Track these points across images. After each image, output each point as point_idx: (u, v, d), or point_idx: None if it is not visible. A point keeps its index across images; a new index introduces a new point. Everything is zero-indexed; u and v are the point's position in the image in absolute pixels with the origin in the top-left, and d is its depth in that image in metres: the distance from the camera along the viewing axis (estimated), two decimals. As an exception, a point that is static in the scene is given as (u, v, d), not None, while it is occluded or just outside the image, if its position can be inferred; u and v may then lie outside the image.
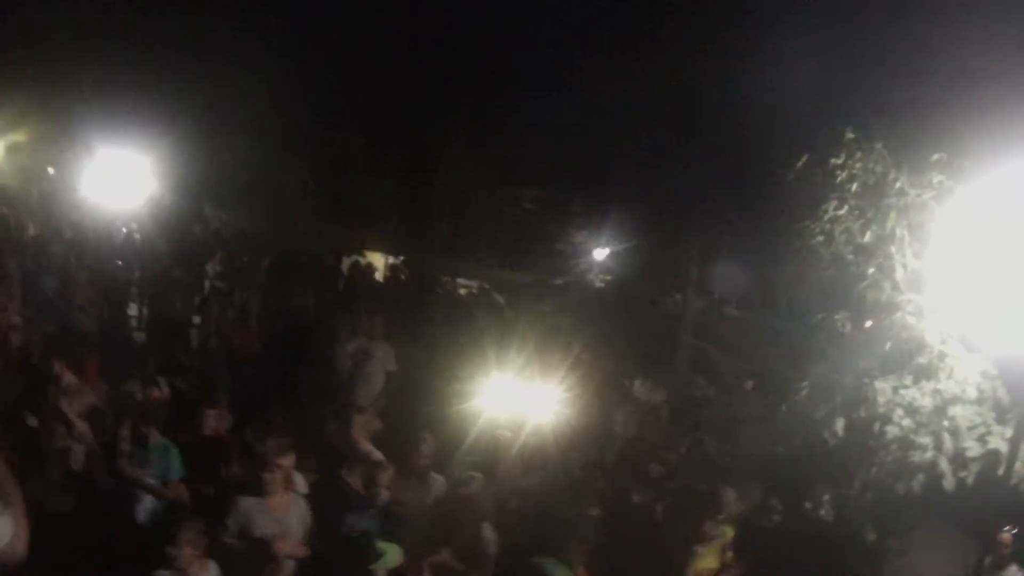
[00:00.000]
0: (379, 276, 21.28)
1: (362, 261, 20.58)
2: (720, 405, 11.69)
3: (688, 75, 16.34)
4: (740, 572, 7.80)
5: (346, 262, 21.02)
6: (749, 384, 12.02)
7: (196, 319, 13.80)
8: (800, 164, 8.03)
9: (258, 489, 7.08)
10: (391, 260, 24.37)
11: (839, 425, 7.15)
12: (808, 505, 7.34)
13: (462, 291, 22.96)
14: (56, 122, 21.92)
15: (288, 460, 7.17)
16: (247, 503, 7.08)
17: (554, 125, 22.19)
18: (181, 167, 21.01)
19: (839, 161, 7.76)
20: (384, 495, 7.67)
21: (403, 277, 20.06)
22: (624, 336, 16.42)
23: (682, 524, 8.26)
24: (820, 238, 7.79)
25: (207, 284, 15.49)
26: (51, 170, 23.79)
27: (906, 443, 6.97)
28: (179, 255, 16.84)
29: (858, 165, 7.70)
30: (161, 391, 9.45)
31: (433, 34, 24.17)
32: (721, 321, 20.62)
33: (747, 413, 10.59)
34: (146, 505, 8.15)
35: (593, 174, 22.73)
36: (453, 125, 24.42)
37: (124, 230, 18.69)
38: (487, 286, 24.62)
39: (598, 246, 28.19)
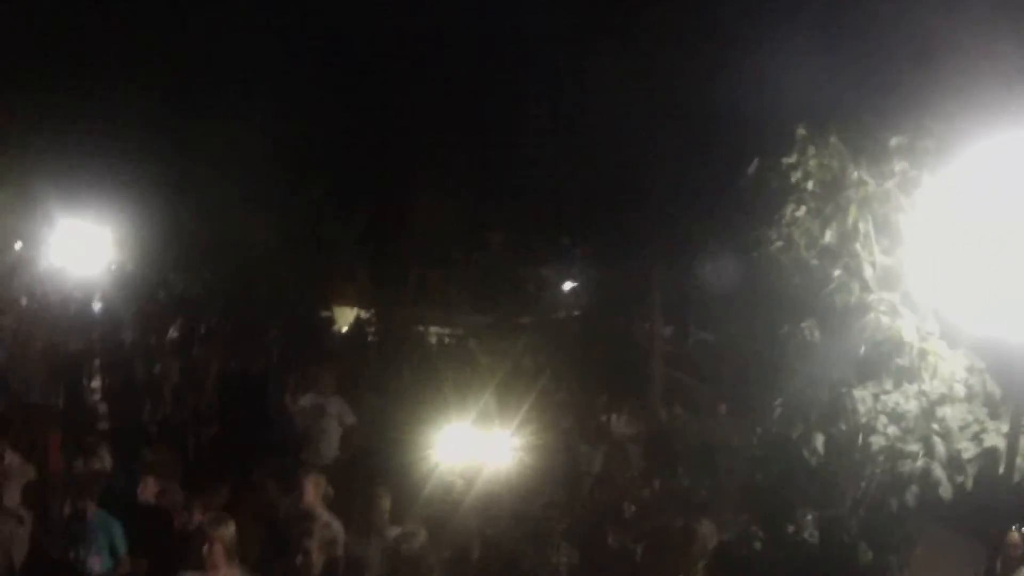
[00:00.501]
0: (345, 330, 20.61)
1: (324, 315, 19.95)
2: (694, 434, 10.91)
3: (642, 100, 15.77)
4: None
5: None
6: (723, 409, 11.24)
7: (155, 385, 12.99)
8: (752, 169, 7.35)
9: (199, 563, 6.43)
10: (361, 314, 23.65)
11: (818, 442, 6.33)
12: (791, 528, 6.54)
13: (433, 339, 22.32)
14: (17, 194, 21.17)
15: (227, 532, 6.46)
16: None
17: (517, 164, 21.73)
18: (143, 233, 20.34)
19: (791, 160, 7.05)
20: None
21: (369, 330, 19.31)
22: (595, 370, 15.72)
23: (660, 563, 7.50)
24: (779, 244, 7.05)
25: (166, 350, 14.71)
26: (18, 244, 23.06)
27: (894, 453, 6.15)
28: (139, 322, 16.16)
29: (812, 162, 6.97)
30: (102, 462, 8.71)
31: (394, 85, 23.64)
32: (693, 346, 19.94)
33: (722, 440, 9.81)
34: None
35: (557, 209, 22.21)
36: (419, 175, 23.80)
37: (85, 299, 17.99)
38: (460, 332, 23.96)
39: (566, 280, 27.63)
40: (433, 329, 23.92)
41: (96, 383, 14.20)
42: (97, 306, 18.32)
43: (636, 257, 16.92)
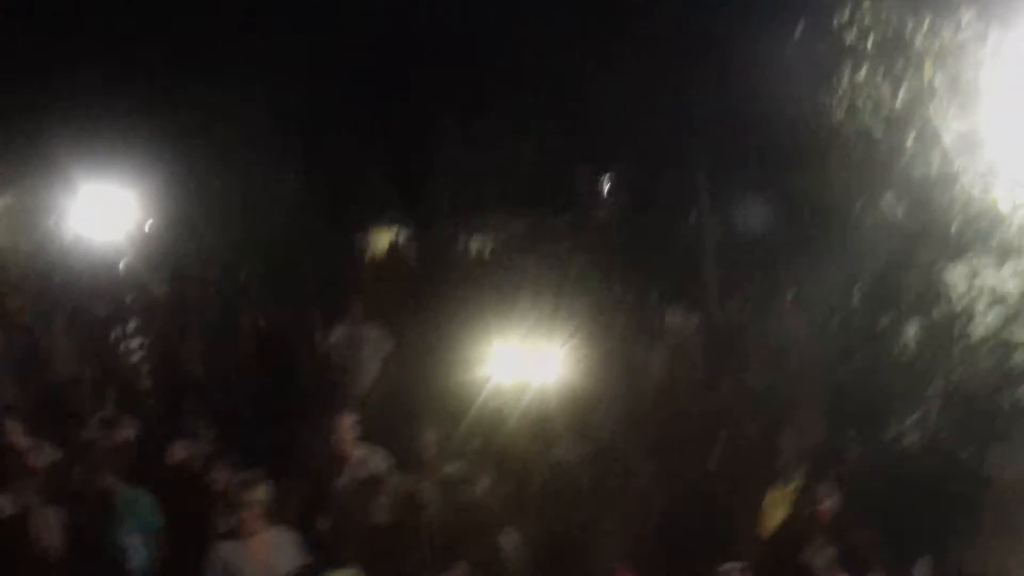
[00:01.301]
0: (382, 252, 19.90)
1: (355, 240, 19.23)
2: (759, 331, 10.13)
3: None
4: (820, 522, 6.34)
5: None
6: (788, 297, 10.40)
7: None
8: (798, 34, 6.53)
9: (234, 532, 5.91)
10: (394, 234, 22.99)
11: (910, 334, 5.63)
12: (889, 434, 5.82)
13: (472, 251, 21.64)
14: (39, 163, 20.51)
15: (260, 494, 5.92)
16: (226, 550, 5.89)
17: (545, 68, 20.72)
18: (168, 190, 19.67)
19: (844, 19, 6.21)
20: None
21: (405, 250, 18.60)
22: (643, 267, 14.97)
23: (738, 478, 6.89)
24: (840, 114, 6.23)
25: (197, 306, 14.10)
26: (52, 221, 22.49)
27: (999, 342, 5.44)
28: (171, 278, 15.60)
29: (868, 17, 6.15)
30: (125, 431, 8.16)
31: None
32: (744, 236, 18.94)
33: (792, 336, 9.03)
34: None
35: (593, 103, 21.24)
36: (446, 88, 22.83)
37: (113, 263, 17.45)
38: (499, 240, 23.26)
39: (605, 177, 26.72)
40: (471, 241, 23.27)
41: (135, 342, 13.74)
42: (127, 268, 17.78)
43: (679, 146, 15.99)
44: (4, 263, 18.47)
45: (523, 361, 8.11)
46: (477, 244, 21.91)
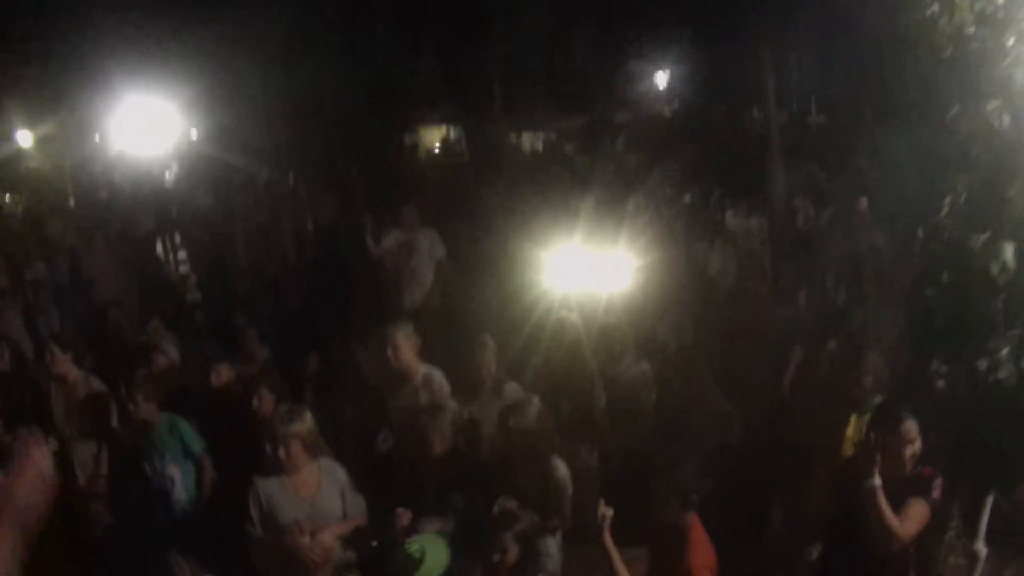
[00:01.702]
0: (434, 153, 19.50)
1: (407, 142, 18.80)
2: (832, 237, 9.57)
3: None
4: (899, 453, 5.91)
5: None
6: (863, 203, 9.76)
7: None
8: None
9: (275, 467, 5.50)
10: (447, 134, 22.54)
11: (1007, 253, 5.12)
12: (983, 364, 5.34)
13: (527, 149, 21.11)
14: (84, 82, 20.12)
15: (302, 427, 5.48)
16: (267, 485, 5.50)
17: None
18: (211, 100, 19.24)
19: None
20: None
21: (457, 150, 18.15)
22: (705, 165, 14.38)
23: (817, 402, 6.49)
24: (935, 7, 5.62)
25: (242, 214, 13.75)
26: (97, 137, 22.25)
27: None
28: (216, 188, 15.31)
29: None
30: (167, 355, 7.92)
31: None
32: (809, 133, 18.00)
33: (872, 247, 8.44)
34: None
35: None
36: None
37: (157, 177, 17.23)
38: (554, 138, 22.72)
39: (663, 71, 25.89)
40: (525, 138, 22.73)
41: (182, 254, 13.53)
42: (171, 180, 17.54)
43: (741, 35, 15.20)
44: (48, 185, 18.43)
45: (583, 268, 7.68)
46: (532, 142, 21.40)
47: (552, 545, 5.84)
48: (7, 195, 18.76)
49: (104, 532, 6.77)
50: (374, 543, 4.92)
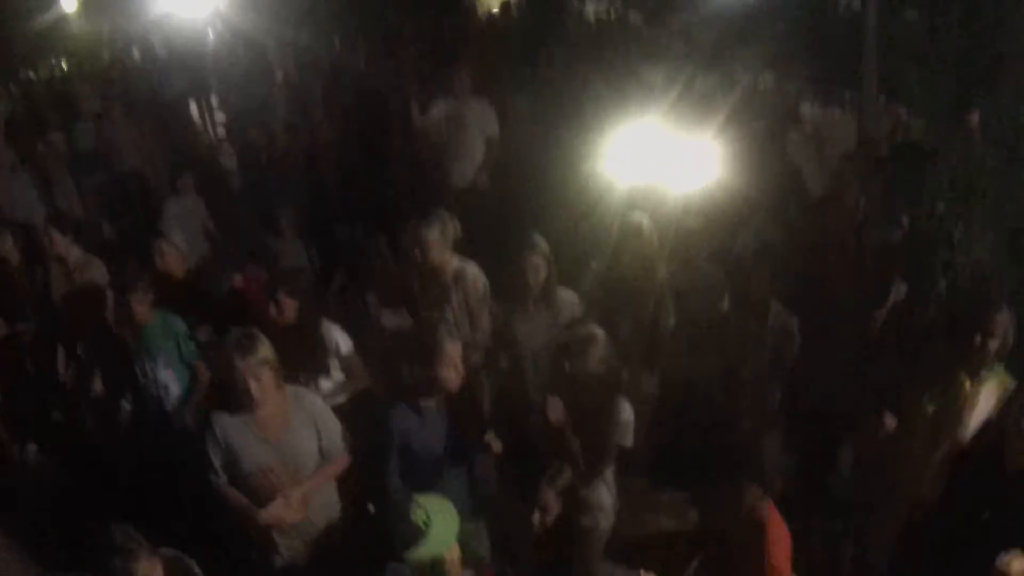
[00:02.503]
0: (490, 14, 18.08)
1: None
2: (938, 145, 8.30)
3: None
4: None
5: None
6: (974, 118, 8.39)
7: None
8: None
9: (239, 405, 4.49)
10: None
11: None
12: None
13: (591, 15, 19.68)
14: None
15: (267, 349, 4.44)
16: (227, 424, 4.51)
17: None
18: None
19: None
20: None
21: (515, 12, 16.70)
22: (788, 49, 12.99)
23: (916, 355, 5.43)
24: None
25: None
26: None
27: None
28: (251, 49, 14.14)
29: None
30: (173, 247, 6.97)
31: None
32: (905, 27, 16.30)
33: (982, 158, 7.17)
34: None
35: None
36: None
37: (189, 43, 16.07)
38: (621, 6, 21.23)
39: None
40: (590, 5, 21.27)
41: (220, 116, 12.51)
42: (211, 42, 16.37)
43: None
44: (85, 50, 17.33)
45: (651, 159, 6.55)
46: (597, 10, 19.87)
47: (605, 496, 4.92)
48: (42, 63, 17.82)
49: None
50: (371, 507, 3.86)
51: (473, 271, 5.89)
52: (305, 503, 4.51)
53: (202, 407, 5.71)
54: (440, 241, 5.82)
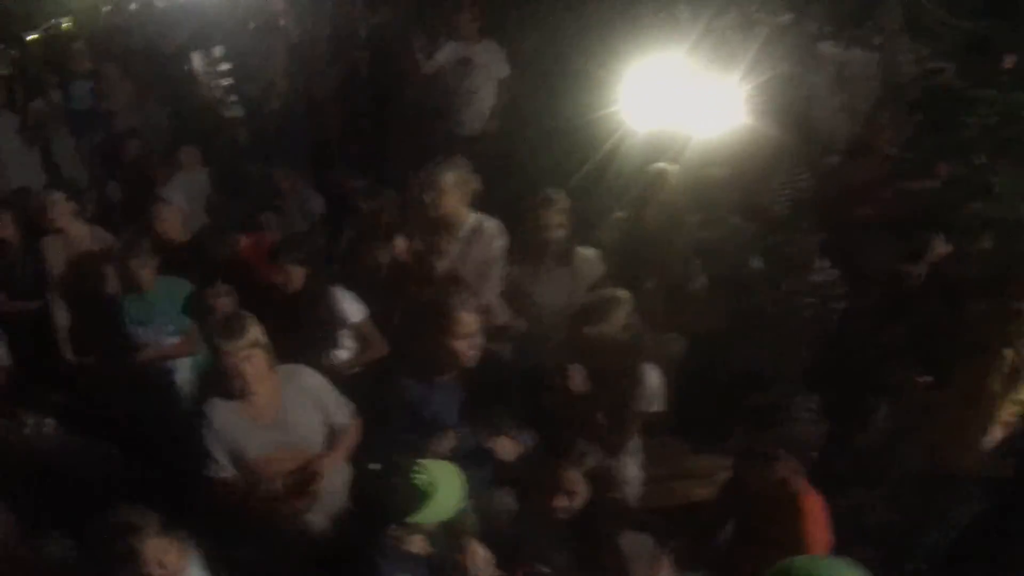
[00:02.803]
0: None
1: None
2: (976, 95, 7.85)
3: None
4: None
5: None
6: (1009, 59, 7.86)
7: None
8: None
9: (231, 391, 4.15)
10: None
11: None
12: None
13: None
14: None
15: (257, 329, 4.12)
16: (221, 414, 4.19)
17: None
18: None
19: None
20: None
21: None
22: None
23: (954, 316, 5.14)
24: None
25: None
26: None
27: None
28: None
29: None
30: (172, 207, 6.67)
31: None
32: None
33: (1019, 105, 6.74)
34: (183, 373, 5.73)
35: None
36: None
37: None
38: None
39: None
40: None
41: (224, 66, 12.06)
42: None
43: None
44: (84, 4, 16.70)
45: (670, 101, 6.14)
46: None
47: (632, 468, 4.63)
48: (40, 22, 17.26)
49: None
50: (373, 466, 3.60)
51: (492, 228, 5.43)
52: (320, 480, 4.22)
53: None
54: (456, 189, 5.35)
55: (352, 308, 5.32)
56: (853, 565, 2.89)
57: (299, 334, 5.01)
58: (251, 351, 4.02)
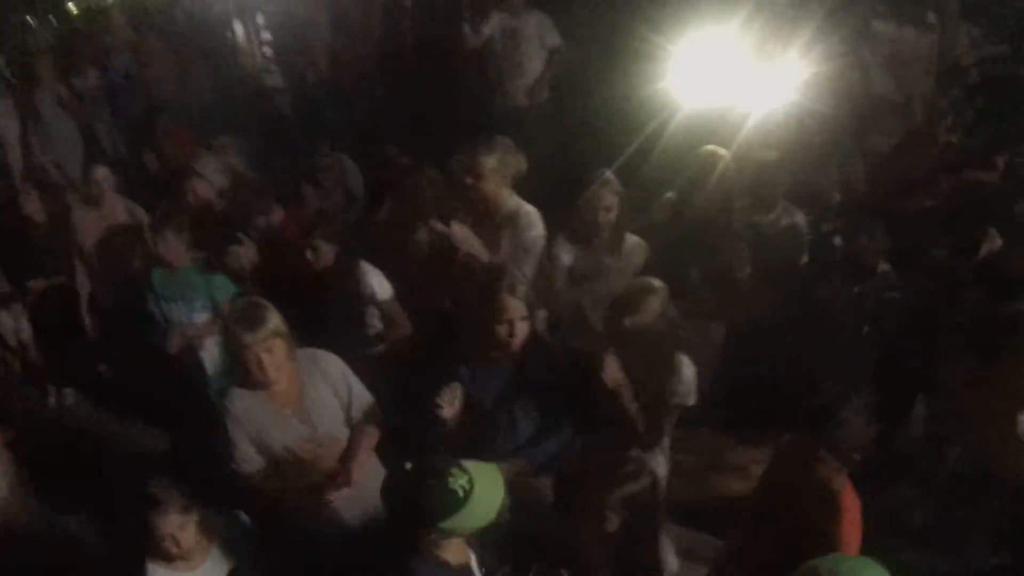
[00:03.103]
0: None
1: None
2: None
3: None
4: None
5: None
6: None
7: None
8: None
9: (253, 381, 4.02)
10: None
11: None
12: None
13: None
14: None
15: (277, 318, 3.96)
16: (243, 404, 4.05)
17: None
18: None
19: None
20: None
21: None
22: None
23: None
24: None
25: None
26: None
27: None
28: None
29: None
30: (205, 184, 6.61)
31: None
32: None
33: None
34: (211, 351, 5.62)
35: None
36: None
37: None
38: None
39: None
40: None
41: (266, 35, 11.88)
42: None
43: None
44: None
45: (724, 82, 5.91)
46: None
47: (661, 466, 4.51)
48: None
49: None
50: (408, 464, 3.47)
51: (529, 216, 5.26)
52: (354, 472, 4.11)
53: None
54: (498, 171, 5.20)
55: (381, 285, 5.20)
56: (880, 566, 2.82)
57: (326, 312, 4.91)
58: (272, 341, 3.90)
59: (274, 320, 3.92)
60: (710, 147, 5.69)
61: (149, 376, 5.69)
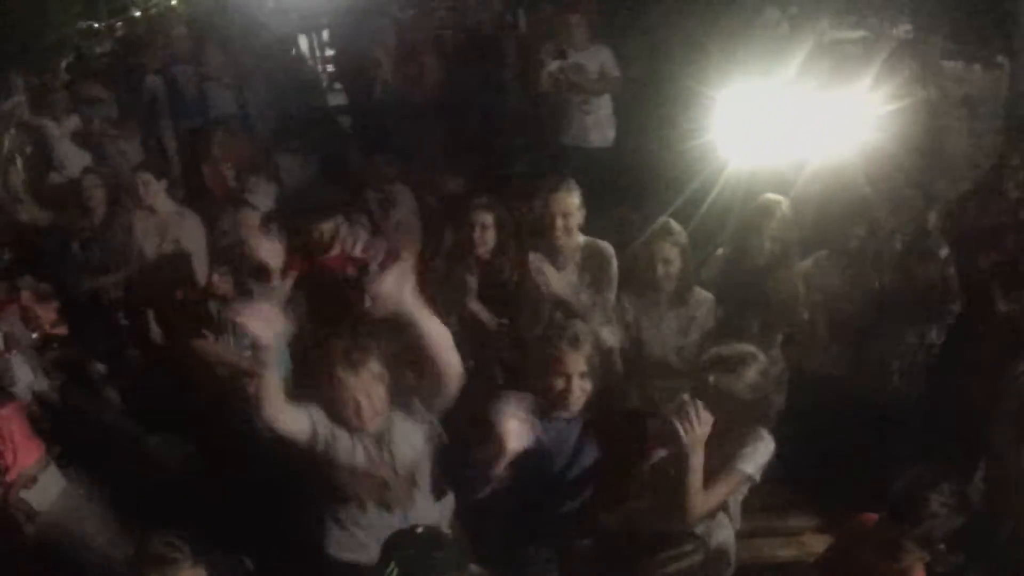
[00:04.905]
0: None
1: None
2: None
3: None
4: None
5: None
6: None
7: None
8: None
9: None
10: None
11: None
12: None
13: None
14: None
15: (377, 367, 3.77)
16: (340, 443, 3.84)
17: None
18: None
19: None
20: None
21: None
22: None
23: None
24: None
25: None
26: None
27: None
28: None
29: None
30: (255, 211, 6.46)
31: None
32: None
33: None
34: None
35: None
36: None
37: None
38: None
39: None
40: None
41: (329, 51, 11.83)
42: None
43: None
44: None
45: (777, 120, 5.67)
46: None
47: (725, 528, 4.21)
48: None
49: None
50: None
51: (604, 249, 5.17)
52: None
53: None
54: (580, 211, 5.11)
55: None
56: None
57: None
58: (374, 385, 3.71)
59: (377, 364, 3.74)
60: (768, 195, 5.46)
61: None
